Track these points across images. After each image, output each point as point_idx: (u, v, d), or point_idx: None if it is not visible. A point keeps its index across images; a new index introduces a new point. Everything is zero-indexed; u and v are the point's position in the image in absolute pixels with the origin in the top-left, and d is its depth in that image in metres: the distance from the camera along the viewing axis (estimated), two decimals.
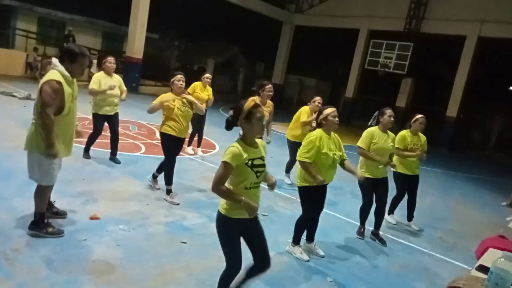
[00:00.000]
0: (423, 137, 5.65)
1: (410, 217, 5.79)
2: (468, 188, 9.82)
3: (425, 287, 4.00)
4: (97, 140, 6.29)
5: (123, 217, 4.29)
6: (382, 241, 4.93)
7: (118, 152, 6.40)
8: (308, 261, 4.07)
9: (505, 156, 17.49)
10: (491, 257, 2.32)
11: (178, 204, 4.98)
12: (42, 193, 3.56)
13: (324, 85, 25.43)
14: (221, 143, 9.25)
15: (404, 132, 5.52)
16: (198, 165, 7.16)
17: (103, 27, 22.51)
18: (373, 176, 4.77)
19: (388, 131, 4.91)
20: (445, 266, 4.65)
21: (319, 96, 6.47)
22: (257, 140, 2.84)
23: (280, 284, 3.59)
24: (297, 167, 4.13)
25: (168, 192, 5.10)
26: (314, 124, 4.13)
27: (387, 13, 19.73)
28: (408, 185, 5.63)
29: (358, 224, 5.11)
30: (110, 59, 6.03)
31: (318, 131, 3.95)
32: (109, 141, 6.35)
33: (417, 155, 5.42)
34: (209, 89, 7.59)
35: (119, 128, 6.51)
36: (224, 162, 2.59)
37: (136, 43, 16.76)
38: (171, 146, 5.11)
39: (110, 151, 6.33)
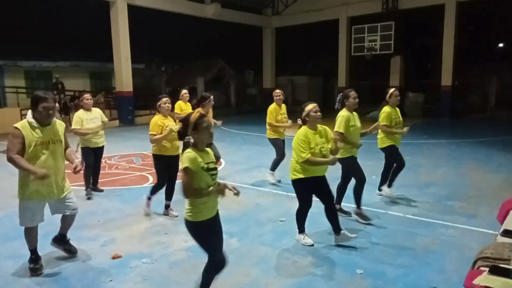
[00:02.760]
0: (398, 109, 5.81)
1: (390, 183, 5.89)
2: (478, 152, 9.75)
3: (455, 261, 3.95)
4: (100, 180, 6.37)
5: (144, 251, 4.29)
6: (365, 218, 4.98)
7: (127, 187, 6.45)
8: (312, 245, 4.29)
9: (508, 114, 17.40)
10: None
11: (176, 216, 5.25)
12: (26, 233, 3.84)
13: (315, 80, 25.47)
14: (225, 157, 9.24)
15: (387, 108, 5.66)
16: None
17: (88, 68, 22.71)
18: (354, 154, 4.97)
19: (354, 112, 5.05)
20: (471, 235, 4.60)
21: (277, 89, 6.96)
22: (207, 148, 3.07)
23: (312, 286, 3.57)
24: (290, 162, 4.30)
25: (148, 198, 5.43)
26: (299, 122, 4.26)
27: None
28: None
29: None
30: (87, 95, 6.36)
31: (303, 129, 4.14)
32: (114, 178, 6.39)
33: (403, 133, 5.56)
34: (189, 104, 7.93)
35: (124, 163, 6.55)
36: (185, 168, 2.82)
37: (124, 77, 16.92)
38: (162, 166, 5.34)
39: (91, 182, 6.42)
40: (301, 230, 4.45)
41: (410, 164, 5.70)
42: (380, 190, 5.96)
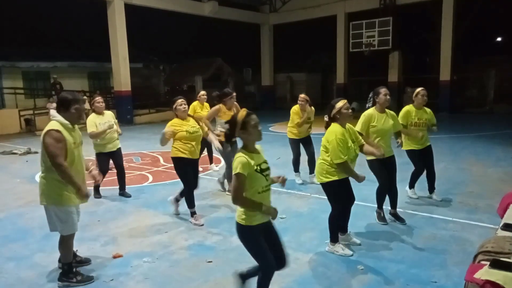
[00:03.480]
0: (428, 110, 5.57)
1: (431, 188, 5.75)
2: (477, 147, 9.76)
3: (456, 256, 3.95)
4: (103, 179, 6.30)
5: (145, 250, 4.30)
6: (401, 220, 4.87)
7: (127, 186, 6.42)
8: (352, 255, 3.99)
9: (507, 107, 17.41)
10: None
11: (202, 225, 4.98)
12: (66, 243, 3.58)
13: (314, 77, 25.46)
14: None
15: (408, 107, 5.48)
16: (207, 182, 7.15)
17: (86, 68, 22.68)
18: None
19: (387, 110, 4.82)
20: (472, 229, 4.61)
21: (303, 94, 6.66)
22: (256, 146, 2.92)
23: (314, 282, 3.58)
24: (317, 164, 4.05)
25: (192, 214, 5.10)
26: (326, 119, 3.99)
27: None
28: (423, 158, 5.57)
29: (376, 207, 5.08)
30: (98, 99, 6.08)
31: (337, 127, 3.84)
32: (114, 177, 6.37)
33: (411, 134, 5.31)
34: (207, 105, 7.67)
35: (123, 162, 6.53)
36: (237, 174, 2.69)
37: (122, 76, 16.90)
38: (184, 169, 5.03)
39: (118, 187, 6.35)
40: (335, 239, 4.09)
41: (409, 160, 5.68)
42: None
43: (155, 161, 9.18)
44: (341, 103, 3.85)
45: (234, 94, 6.17)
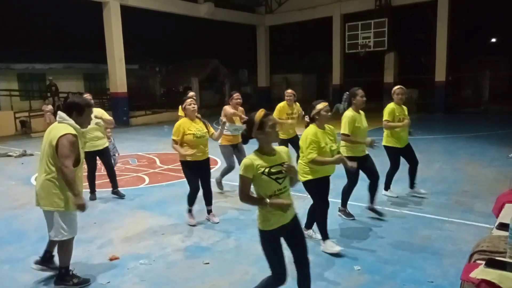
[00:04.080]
0: (405, 108, 5.73)
1: (412, 184, 5.87)
2: (472, 147, 9.81)
3: (452, 255, 3.97)
4: (96, 182, 6.30)
5: (141, 252, 4.29)
6: (380, 214, 5.00)
7: (123, 188, 6.39)
8: (339, 251, 4.03)
9: (502, 108, 17.50)
10: (509, 213, 2.32)
11: (194, 225, 5.00)
12: (67, 246, 3.57)
13: (310, 78, 25.51)
14: (222, 157, 9.23)
15: (391, 105, 5.62)
16: None
17: (82, 70, 22.61)
18: (357, 155, 4.83)
19: (360, 110, 4.94)
20: (468, 229, 4.63)
21: (289, 89, 6.78)
22: (279, 148, 2.87)
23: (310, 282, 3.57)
24: (298, 164, 4.14)
25: (188, 211, 5.12)
26: (307, 119, 4.12)
27: None
28: (403, 156, 5.74)
29: (365, 205, 5.14)
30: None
31: (312, 127, 3.99)
32: (106, 179, 6.34)
33: (404, 125, 5.49)
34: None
35: (120, 164, 6.50)
36: (239, 176, 2.70)
37: (118, 78, 16.86)
38: (189, 171, 5.00)
39: (111, 187, 6.33)
40: (325, 235, 4.15)
41: (404, 160, 5.70)
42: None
43: (152, 162, 9.16)
44: (321, 105, 3.97)
45: (235, 94, 6.14)
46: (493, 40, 25.92)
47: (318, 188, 4.09)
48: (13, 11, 22.51)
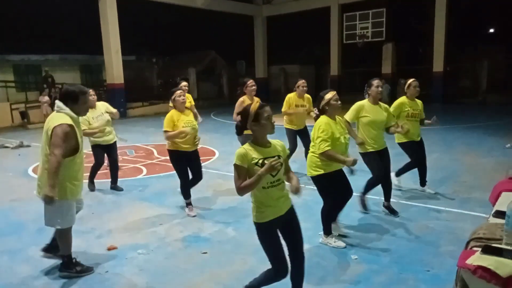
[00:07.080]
0: (420, 102, 5.53)
1: (423, 182, 5.69)
2: (470, 137, 9.83)
3: (449, 243, 4.00)
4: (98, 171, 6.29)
5: (140, 242, 4.29)
6: (395, 213, 4.84)
7: (121, 179, 6.39)
8: (344, 247, 3.98)
9: (500, 97, 17.52)
10: (506, 201, 2.33)
11: (194, 216, 5.00)
12: (65, 235, 3.59)
13: (307, 69, 25.40)
14: (220, 148, 9.25)
15: (401, 99, 5.42)
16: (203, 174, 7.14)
17: (78, 61, 22.47)
18: (376, 148, 4.68)
19: (380, 103, 4.75)
20: (465, 219, 4.65)
21: (302, 80, 6.50)
22: (273, 141, 2.82)
23: (308, 272, 3.59)
24: (308, 157, 4.03)
25: (187, 205, 5.12)
26: (316, 111, 3.98)
27: None
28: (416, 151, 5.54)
29: (374, 198, 5.09)
30: (90, 91, 5.94)
31: (324, 118, 3.83)
32: (107, 171, 6.34)
33: (395, 132, 5.01)
34: (189, 96, 7.41)
35: (118, 156, 6.48)
36: (234, 165, 2.65)
37: (115, 69, 16.77)
38: (178, 161, 5.01)
39: (110, 180, 6.31)
40: (328, 231, 4.08)
41: (402, 150, 5.68)
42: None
43: (149, 153, 9.15)
44: (330, 95, 3.82)
45: (249, 81, 5.95)
46: (491, 30, 25.86)
47: (329, 184, 3.94)
48: (8, 2, 22.28)
